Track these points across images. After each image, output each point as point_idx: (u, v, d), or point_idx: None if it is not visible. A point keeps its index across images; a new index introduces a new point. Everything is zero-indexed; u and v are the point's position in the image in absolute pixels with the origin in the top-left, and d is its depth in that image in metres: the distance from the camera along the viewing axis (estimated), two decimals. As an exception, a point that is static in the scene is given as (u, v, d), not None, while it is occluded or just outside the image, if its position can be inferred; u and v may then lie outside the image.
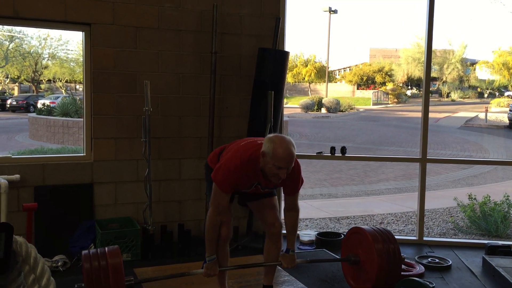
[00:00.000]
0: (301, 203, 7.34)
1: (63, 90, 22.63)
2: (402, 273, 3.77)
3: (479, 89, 30.88)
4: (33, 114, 14.08)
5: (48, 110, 13.37)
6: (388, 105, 28.86)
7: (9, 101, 20.36)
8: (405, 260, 4.06)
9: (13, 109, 19.71)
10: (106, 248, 2.67)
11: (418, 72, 28.63)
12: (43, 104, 14.90)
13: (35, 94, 21.99)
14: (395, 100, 29.71)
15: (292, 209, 2.96)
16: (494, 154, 12.72)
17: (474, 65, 29.31)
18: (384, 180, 9.20)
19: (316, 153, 4.80)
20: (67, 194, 4.11)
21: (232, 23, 4.53)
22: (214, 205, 2.78)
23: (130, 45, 4.26)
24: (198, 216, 4.53)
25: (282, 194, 3.01)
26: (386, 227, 5.80)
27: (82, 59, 4.32)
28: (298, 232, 4.79)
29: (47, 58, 22.29)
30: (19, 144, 12.34)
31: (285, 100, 5.25)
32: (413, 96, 30.56)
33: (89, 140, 4.26)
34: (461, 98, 30.05)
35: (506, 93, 27.97)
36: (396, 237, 4.99)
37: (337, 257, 4.11)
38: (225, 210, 2.87)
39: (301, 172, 2.87)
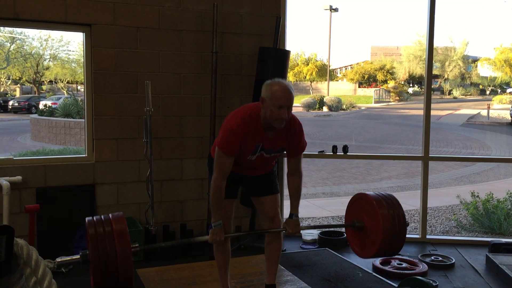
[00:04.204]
0: (303, 202, 7.32)
1: (64, 91, 22.68)
2: (405, 272, 3.77)
3: (481, 86, 30.86)
4: (35, 115, 14.09)
5: (50, 111, 13.38)
6: (389, 103, 28.85)
7: (11, 103, 20.42)
8: (408, 259, 4.06)
9: (15, 110, 19.76)
10: (110, 215, 2.59)
11: (419, 69, 28.64)
12: (45, 105, 14.93)
13: (36, 95, 22.04)
14: (397, 98, 29.71)
15: (295, 173, 2.92)
16: (496, 151, 12.69)
17: (476, 62, 29.30)
18: (387, 178, 9.19)
19: (318, 152, 4.79)
20: (69, 195, 4.11)
21: (232, 23, 4.52)
22: (218, 169, 2.74)
23: (130, 45, 4.25)
24: (200, 216, 4.52)
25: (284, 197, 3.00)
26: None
27: (83, 60, 4.32)
28: (301, 231, 4.79)
29: (48, 59, 22.35)
30: (21, 146, 12.35)
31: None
32: (415, 93, 30.55)
33: (90, 141, 4.26)
34: (463, 95, 30.03)
35: (508, 90, 27.93)
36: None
37: (341, 256, 4.11)
38: (227, 209, 2.88)
39: (303, 134, 2.88)
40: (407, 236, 4.91)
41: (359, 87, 32.74)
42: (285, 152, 2.92)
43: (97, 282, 2.41)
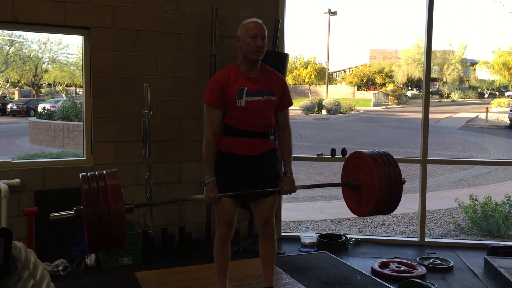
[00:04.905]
0: (302, 205, 7.29)
1: (63, 94, 22.64)
2: (403, 275, 3.77)
3: (479, 90, 30.91)
4: (34, 118, 14.09)
5: (49, 114, 13.38)
6: (388, 106, 28.90)
7: (9, 106, 20.38)
8: (407, 262, 4.06)
9: (14, 113, 19.73)
10: (104, 171, 2.57)
11: (418, 73, 28.69)
12: (44, 108, 14.91)
13: (35, 98, 22.01)
14: (396, 101, 29.76)
15: (285, 129, 2.97)
16: (495, 155, 12.71)
17: (474, 66, 29.35)
18: (385, 181, 9.16)
19: (317, 155, 4.80)
20: (68, 198, 4.10)
21: (231, 26, 4.52)
22: (207, 124, 2.82)
23: (129, 48, 4.26)
24: (198, 219, 4.52)
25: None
26: (387, 228, 5.80)
27: (82, 63, 4.32)
28: (299, 234, 4.80)
29: (47, 62, 22.31)
30: (20, 149, 12.34)
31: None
32: (413, 97, 30.59)
33: (89, 144, 4.26)
34: (462, 98, 30.08)
35: (507, 93, 27.99)
36: (397, 238, 5.03)
37: (340, 259, 4.11)
38: (229, 212, 2.85)
39: (289, 91, 3.01)
40: (406, 239, 4.95)
41: (357, 90, 32.77)
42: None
43: (90, 238, 2.41)
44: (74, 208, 2.45)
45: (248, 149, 2.85)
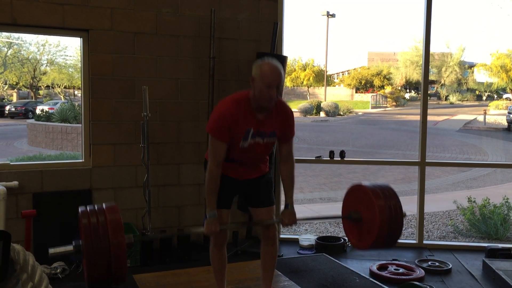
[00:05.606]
0: (300, 207, 7.30)
1: (61, 96, 22.63)
2: (402, 277, 3.77)
3: (477, 92, 30.93)
4: (32, 120, 14.07)
5: (47, 116, 13.37)
6: (386, 109, 28.90)
7: (7, 108, 20.36)
8: (405, 264, 4.06)
9: (12, 115, 19.71)
10: (104, 205, 2.57)
11: (416, 75, 28.69)
12: (42, 110, 14.89)
13: (33, 100, 21.99)
14: (394, 103, 29.76)
15: (288, 160, 2.91)
16: (493, 157, 12.72)
17: (472, 68, 29.38)
18: (384, 184, 9.16)
19: (315, 157, 4.80)
20: (66, 200, 4.10)
21: (230, 28, 4.53)
22: (211, 156, 2.76)
23: (128, 50, 4.26)
24: (197, 221, 4.51)
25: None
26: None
27: (80, 65, 4.32)
28: (297, 236, 4.80)
29: (45, 64, 22.30)
30: (18, 151, 12.32)
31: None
32: (412, 99, 30.59)
33: (87, 146, 4.26)
34: (460, 101, 30.09)
35: (505, 96, 28.00)
36: (396, 240, 5.03)
37: (338, 261, 4.10)
38: (223, 217, 2.88)
39: (294, 122, 2.91)
40: (404, 241, 4.94)
41: (356, 92, 32.78)
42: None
43: (90, 273, 2.40)
44: (73, 243, 2.44)
45: (239, 175, 2.91)
